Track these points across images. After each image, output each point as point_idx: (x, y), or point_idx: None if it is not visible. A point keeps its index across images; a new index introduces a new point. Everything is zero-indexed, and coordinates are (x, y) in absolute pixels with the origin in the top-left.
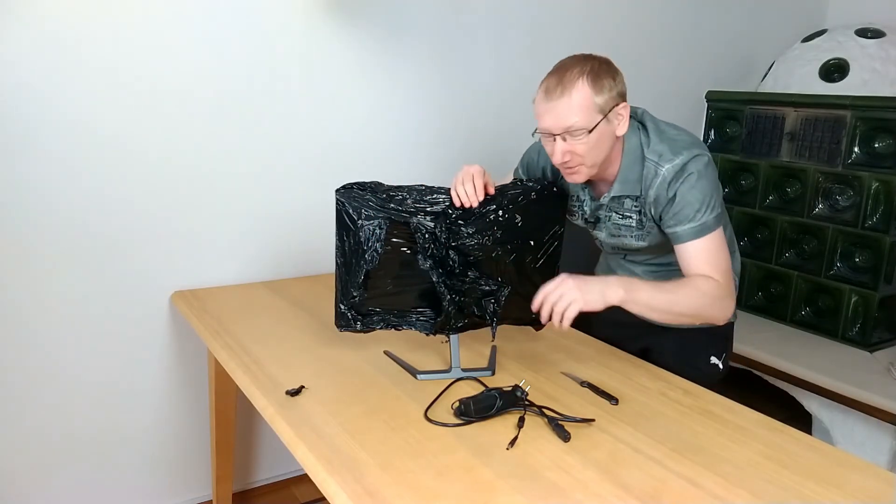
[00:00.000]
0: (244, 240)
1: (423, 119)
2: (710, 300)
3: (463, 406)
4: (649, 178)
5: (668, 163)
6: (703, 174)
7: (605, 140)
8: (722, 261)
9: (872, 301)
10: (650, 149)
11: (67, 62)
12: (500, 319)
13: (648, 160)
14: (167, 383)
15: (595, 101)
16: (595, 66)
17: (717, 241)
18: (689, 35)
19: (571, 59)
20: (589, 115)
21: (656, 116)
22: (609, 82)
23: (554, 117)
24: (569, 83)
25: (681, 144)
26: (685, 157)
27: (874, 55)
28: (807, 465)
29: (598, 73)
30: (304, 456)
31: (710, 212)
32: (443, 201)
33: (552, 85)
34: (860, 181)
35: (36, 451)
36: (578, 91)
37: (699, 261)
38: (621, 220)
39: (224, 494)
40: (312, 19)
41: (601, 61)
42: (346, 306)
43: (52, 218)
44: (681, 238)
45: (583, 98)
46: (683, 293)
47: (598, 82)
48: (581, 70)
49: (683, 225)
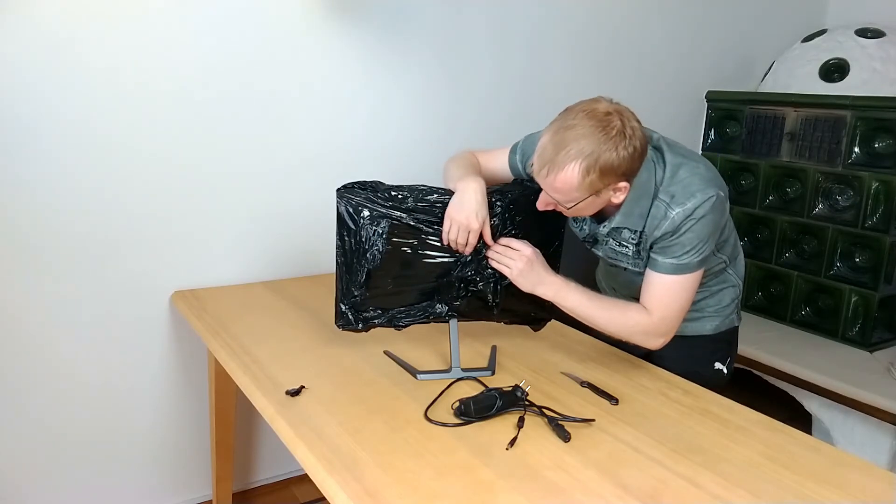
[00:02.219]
0: (244, 240)
1: (423, 119)
2: (632, 332)
3: (463, 406)
4: (657, 217)
5: (679, 206)
6: (708, 218)
7: (594, 206)
8: (677, 303)
9: (872, 301)
10: (663, 188)
11: (67, 62)
12: (500, 310)
13: (660, 199)
14: (167, 383)
15: (584, 183)
16: (599, 149)
17: (687, 283)
18: (689, 35)
19: (582, 120)
20: (575, 194)
21: (667, 137)
22: (609, 168)
23: (539, 180)
24: (560, 164)
25: (696, 185)
26: (698, 199)
27: (874, 55)
28: (807, 465)
29: (598, 159)
30: (303, 456)
31: (697, 254)
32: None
33: (546, 154)
34: (860, 181)
35: (35, 451)
36: (566, 176)
37: (656, 293)
38: (618, 246)
39: (224, 494)
40: (312, 19)
41: (613, 135)
42: (346, 305)
43: (51, 218)
44: (656, 267)
45: (569, 183)
46: (609, 316)
47: (593, 171)
48: (579, 152)
49: (667, 258)
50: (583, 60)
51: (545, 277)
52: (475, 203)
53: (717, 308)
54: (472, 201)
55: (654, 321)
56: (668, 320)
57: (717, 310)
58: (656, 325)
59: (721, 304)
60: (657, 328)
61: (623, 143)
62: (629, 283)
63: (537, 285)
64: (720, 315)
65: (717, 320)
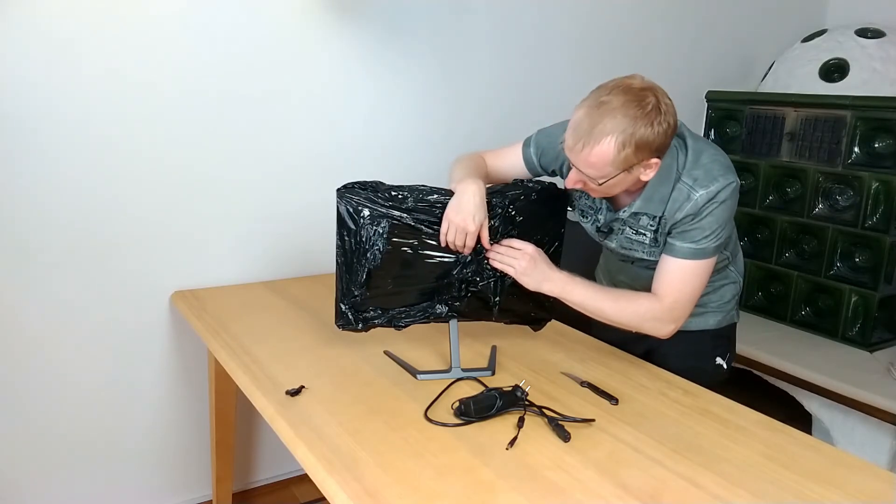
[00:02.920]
0: (244, 240)
1: (424, 119)
2: (643, 319)
3: (463, 406)
4: (679, 200)
5: (703, 188)
6: (727, 203)
7: (624, 184)
8: (690, 288)
9: (872, 301)
10: (686, 171)
11: (67, 62)
12: (500, 310)
13: (683, 182)
14: (167, 383)
15: (619, 158)
16: (635, 124)
17: (702, 268)
18: (689, 35)
19: (618, 95)
20: (608, 169)
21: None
22: (644, 143)
23: (572, 156)
24: (596, 138)
25: (717, 170)
26: (721, 183)
27: (874, 55)
28: (807, 465)
29: (634, 133)
30: (303, 456)
31: (715, 239)
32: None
33: (582, 128)
34: (860, 181)
35: (36, 451)
36: (602, 149)
37: (670, 278)
38: (634, 234)
39: (224, 494)
40: (313, 19)
41: (648, 111)
42: (346, 305)
43: (51, 218)
44: (674, 251)
45: (603, 158)
46: (618, 306)
47: (629, 146)
48: (615, 126)
49: (685, 242)
50: (583, 60)
51: (550, 274)
52: (472, 206)
53: (720, 303)
54: (469, 203)
55: (665, 306)
56: (679, 305)
57: (720, 305)
58: (667, 310)
59: (723, 300)
60: (669, 313)
61: (658, 119)
62: (636, 277)
63: (543, 282)
64: (722, 310)
65: (720, 315)
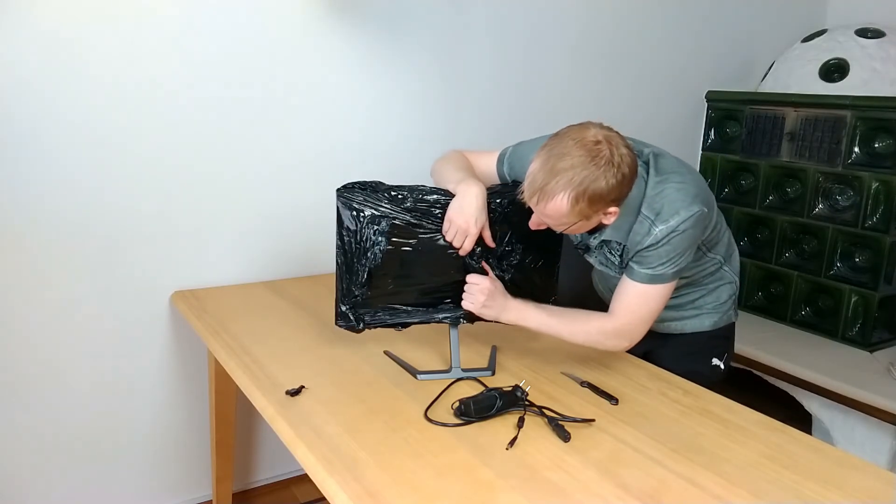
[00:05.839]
0: (244, 240)
1: (423, 119)
2: (597, 339)
3: (463, 406)
4: (640, 233)
5: (662, 223)
6: (688, 233)
7: (586, 227)
8: (645, 311)
9: (872, 301)
10: (647, 205)
11: (67, 63)
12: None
13: (644, 216)
14: (167, 383)
15: (574, 211)
16: (587, 179)
17: (658, 292)
18: (689, 35)
19: (571, 150)
20: (565, 220)
21: (661, 149)
22: (597, 196)
23: (531, 205)
24: (549, 195)
25: (680, 202)
26: (682, 216)
27: (874, 55)
28: (807, 465)
29: (587, 189)
30: (303, 456)
31: (672, 266)
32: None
33: (536, 183)
34: (860, 181)
35: (35, 451)
36: (555, 205)
37: (627, 300)
38: (609, 254)
39: (224, 494)
40: (313, 19)
41: (602, 164)
42: (346, 305)
43: (51, 218)
44: (632, 275)
45: (558, 211)
46: (571, 329)
47: (582, 200)
48: (567, 183)
49: (642, 268)
50: (583, 60)
51: (507, 304)
52: (474, 208)
53: (715, 305)
54: (471, 206)
55: (617, 325)
56: (632, 326)
57: (715, 306)
58: (618, 329)
59: (719, 301)
60: (619, 331)
61: (612, 172)
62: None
63: (501, 313)
64: (718, 312)
65: (716, 317)
